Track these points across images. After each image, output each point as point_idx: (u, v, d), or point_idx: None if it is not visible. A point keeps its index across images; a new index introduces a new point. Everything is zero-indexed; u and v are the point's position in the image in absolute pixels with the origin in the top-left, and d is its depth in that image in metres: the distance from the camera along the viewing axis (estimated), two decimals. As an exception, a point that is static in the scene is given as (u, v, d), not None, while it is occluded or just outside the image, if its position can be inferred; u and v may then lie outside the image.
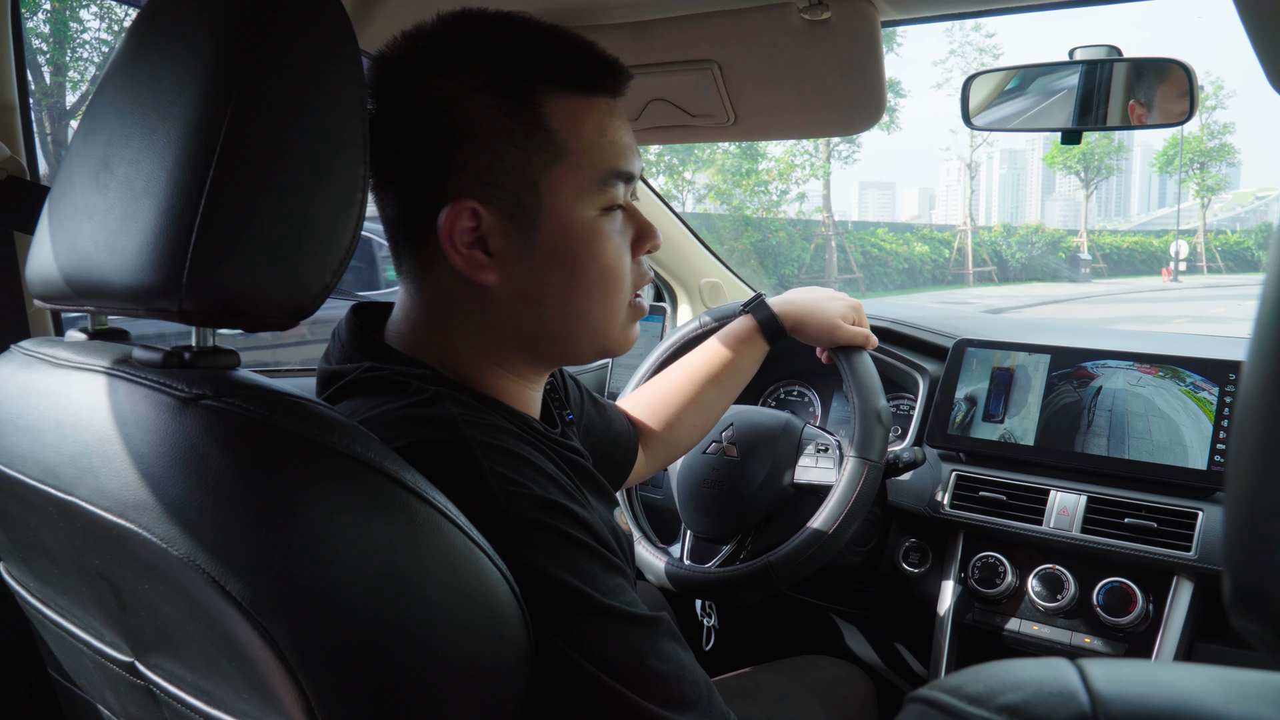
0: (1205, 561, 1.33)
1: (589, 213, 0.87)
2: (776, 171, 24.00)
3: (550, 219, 0.86)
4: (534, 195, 0.85)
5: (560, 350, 0.93)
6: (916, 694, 0.42)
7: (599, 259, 0.88)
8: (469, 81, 0.83)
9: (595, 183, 0.87)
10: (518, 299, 0.88)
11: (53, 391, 0.74)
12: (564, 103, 0.85)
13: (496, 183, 0.84)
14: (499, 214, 0.85)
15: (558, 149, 0.85)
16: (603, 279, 0.89)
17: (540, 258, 0.86)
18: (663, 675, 0.76)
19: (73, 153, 0.75)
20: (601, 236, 0.88)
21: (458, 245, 0.85)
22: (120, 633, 0.77)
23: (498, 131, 0.83)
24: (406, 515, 0.66)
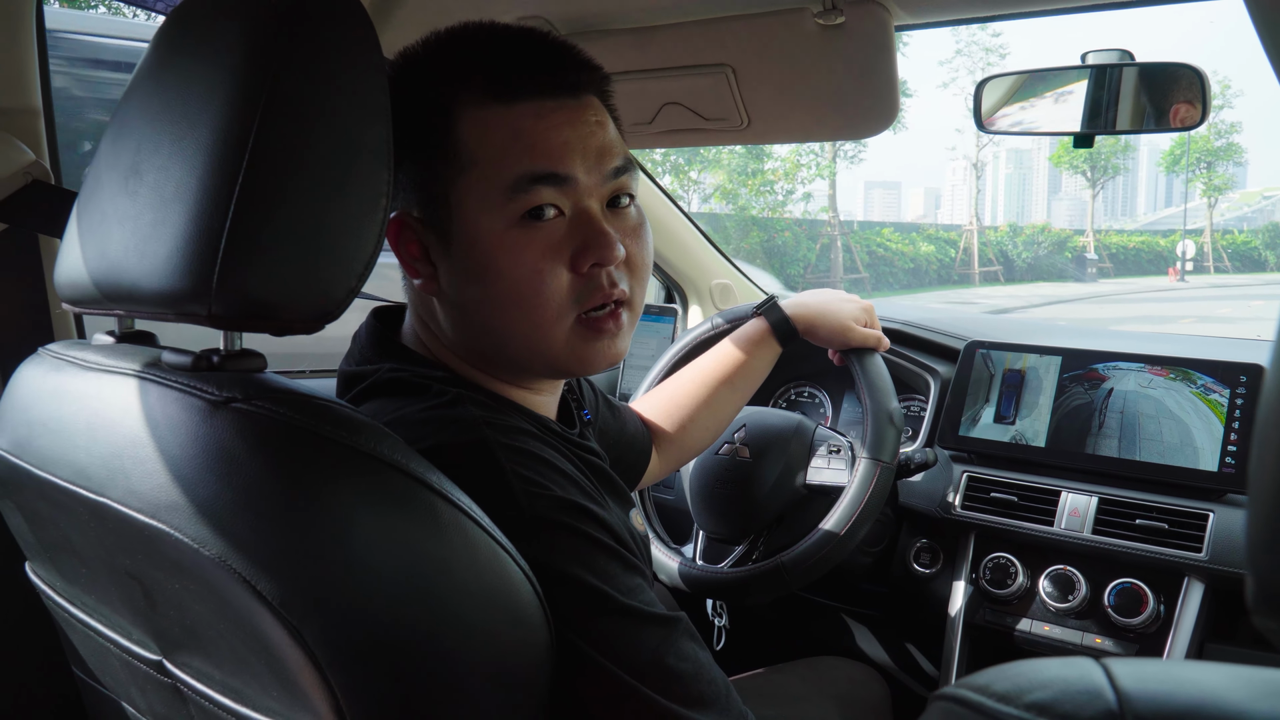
0: (1216, 563, 1.34)
1: (496, 225, 0.84)
2: (782, 171, 24.00)
3: (460, 231, 0.85)
4: (445, 208, 0.85)
5: (509, 365, 0.91)
6: (942, 693, 0.43)
7: (507, 273, 0.84)
8: (404, 97, 0.84)
9: (502, 191, 0.83)
10: (455, 311, 0.88)
11: (84, 394, 0.75)
12: (479, 114, 0.84)
13: (419, 196, 0.86)
14: (427, 227, 0.86)
15: (464, 160, 0.84)
16: (512, 293, 0.84)
17: (458, 271, 0.86)
18: (682, 674, 0.77)
19: (100, 158, 0.77)
20: (510, 249, 0.84)
21: (405, 256, 0.87)
22: (148, 631, 0.78)
23: (416, 145, 0.85)
24: (432, 516, 0.67)
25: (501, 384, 0.93)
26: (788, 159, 24.13)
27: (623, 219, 0.90)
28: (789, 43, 1.23)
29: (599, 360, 0.89)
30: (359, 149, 0.70)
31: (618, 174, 0.88)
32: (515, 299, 0.84)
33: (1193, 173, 39.14)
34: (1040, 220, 74.35)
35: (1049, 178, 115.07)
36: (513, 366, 0.91)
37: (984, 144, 34.85)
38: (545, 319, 0.85)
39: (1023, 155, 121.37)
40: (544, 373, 0.92)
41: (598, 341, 0.88)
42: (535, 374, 0.93)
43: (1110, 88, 1.29)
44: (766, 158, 24.09)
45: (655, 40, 1.30)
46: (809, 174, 24.86)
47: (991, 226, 41.10)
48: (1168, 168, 42.01)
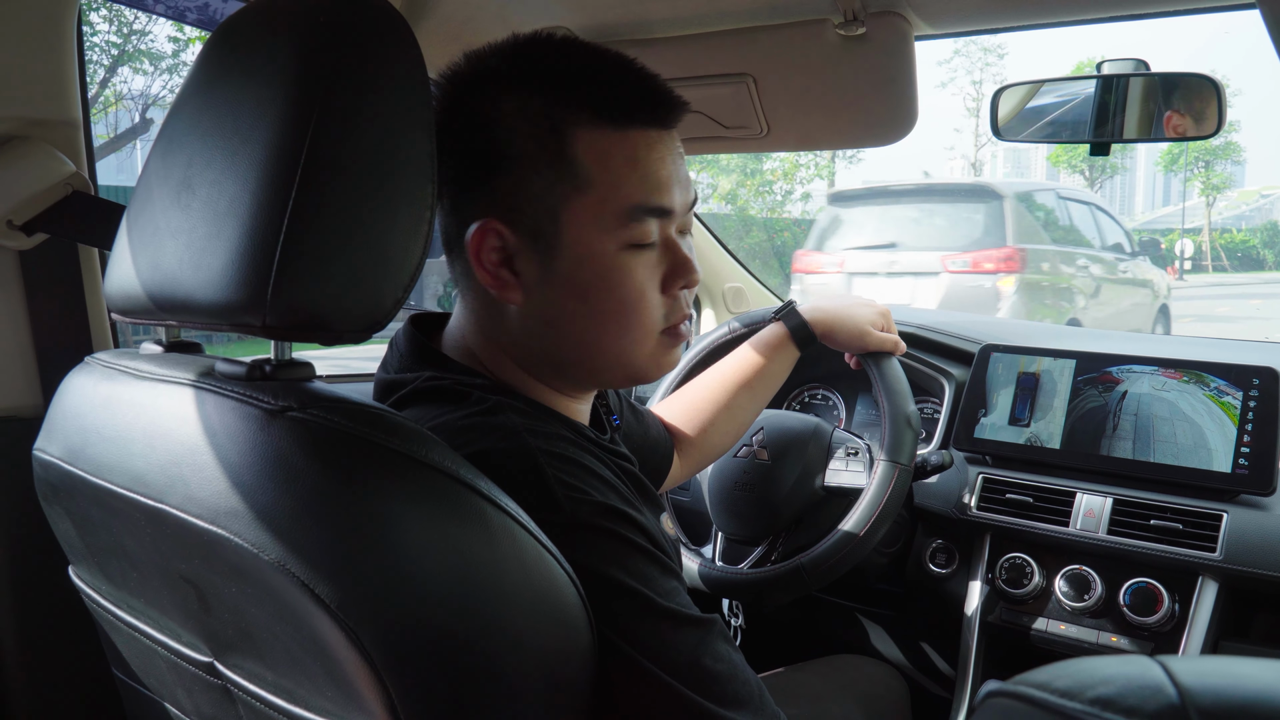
0: (1230, 562, 1.35)
1: (608, 247, 0.87)
2: (781, 172, 23.94)
3: (569, 248, 0.86)
4: (553, 224, 0.86)
5: (587, 375, 0.94)
6: (999, 689, 0.44)
7: (615, 292, 0.88)
8: (506, 106, 0.85)
9: (618, 217, 0.86)
10: (539, 322, 0.90)
11: (139, 403, 0.77)
12: (593, 135, 0.85)
13: (519, 207, 0.86)
14: (522, 237, 0.87)
15: (581, 181, 0.85)
16: (620, 311, 0.89)
17: (558, 285, 0.87)
18: (718, 674, 0.79)
19: (150, 172, 0.78)
20: (621, 271, 0.88)
21: (485, 263, 0.87)
22: (200, 634, 0.79)
23: (525, 157, 0.85)
24: (481, 520, 0.69)
25: (544, 391, 0.94)
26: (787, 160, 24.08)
27: (688, 244, 0.94)
28: (810, 53, 1.25)
29: (668, 367, 0.96)
30: (405, 161, 0.72)
31: (692, 205, 0.94)
32: (619, 316, 0.89)
33: (1191, 172, 39.09)
34: (1038, 220, 74.05)
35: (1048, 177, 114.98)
36: (584, 375, 0.94)
37: (982, 144, 34.80)
38: (641, 335, 0.91)
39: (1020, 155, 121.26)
40: (617, 381, 0.96)
41: (673, 350, 0.96)
42: (607, 383, 0.97)
43: (1118, 96, 1.31)
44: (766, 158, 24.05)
45: (677, 50, 1.32)
46: (808, 174, 24.81)
47: (990, 226, 40.96)
48: (1166, 167, 41.98)
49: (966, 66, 41.13)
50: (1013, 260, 6.92)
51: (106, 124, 15.03)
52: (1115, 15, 1.15)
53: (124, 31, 14.37)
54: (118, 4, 15.40)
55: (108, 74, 14.36)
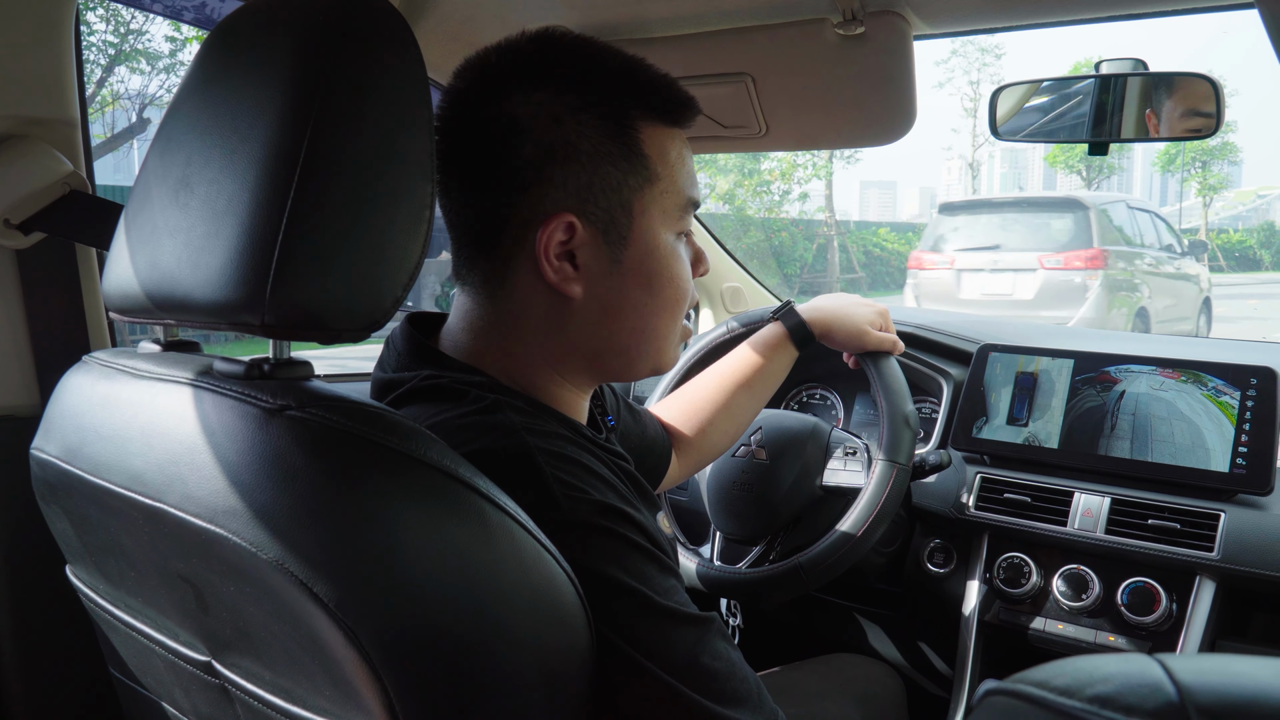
0: (1228, 562, 1.36)
1: (669, 237, 0.93)
2: (779, 172, 23.95)
3: (638, 239, 0.91)
4: (627, 215, 0.89)
5: (624, 364, 0.97)
6: (998, 687, 0.44)
7: (675, 279, 0.94)
8: (570, 101, 0.87)
9: (678, 208, 0.93)
10: (599, 313, 0.92)
11: (137, 402, 0.76)
12: (654, 131, 0.90)
13: (594, 200, 0.88)
14: (593, 230, 0.88)
15: (650, 174, 0.90)
16: (676, 298, 0.95)
17: (626, 275, 0.91)
18: (716, 673, 0.79)
19: (148, 171, 0.78)
20: (677, 259, 0.94)
21: (548, 256, 0.88)
22: (198, 633, 0.79)
23: (600, 152, 0.87)
24: (480, 519, 0.69)
25: (550, 389, 0.94)
26: (784, 159, 24.08)
27: None
28: (809, 52, 1.25)
29: (677, 359, 1.05)
30: (404, 160, 0.72)
31: None
32: (676, 303, 0.95)
33: (1188, 172, 39.11)
34: (1036, 220, 74.12)
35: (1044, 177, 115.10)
36: (622, 365, 0.97)
37: (979, 144, 34.80)
38: (679, 320, 0.98)
39: (1018, 155, 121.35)
40: (644, 370, 0.99)
41: (682, 341, 1.02)
42: (634, 372, 0.99)
43: (1116, 95, 1.31)
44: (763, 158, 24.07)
45: (676, 49, 1.32)
46: (805, 174, 24.82)
47: (987, 226, 41.02)
48: (1163, 167, 42.00)
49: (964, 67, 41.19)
50: (1097, 259, 8.53)
51: (103, 124, 15.01)
52: (1113, 15, 1.15)
53: (121, 31, 14.35)
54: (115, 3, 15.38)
55: (105, 73, 14.34)
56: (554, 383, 0.95)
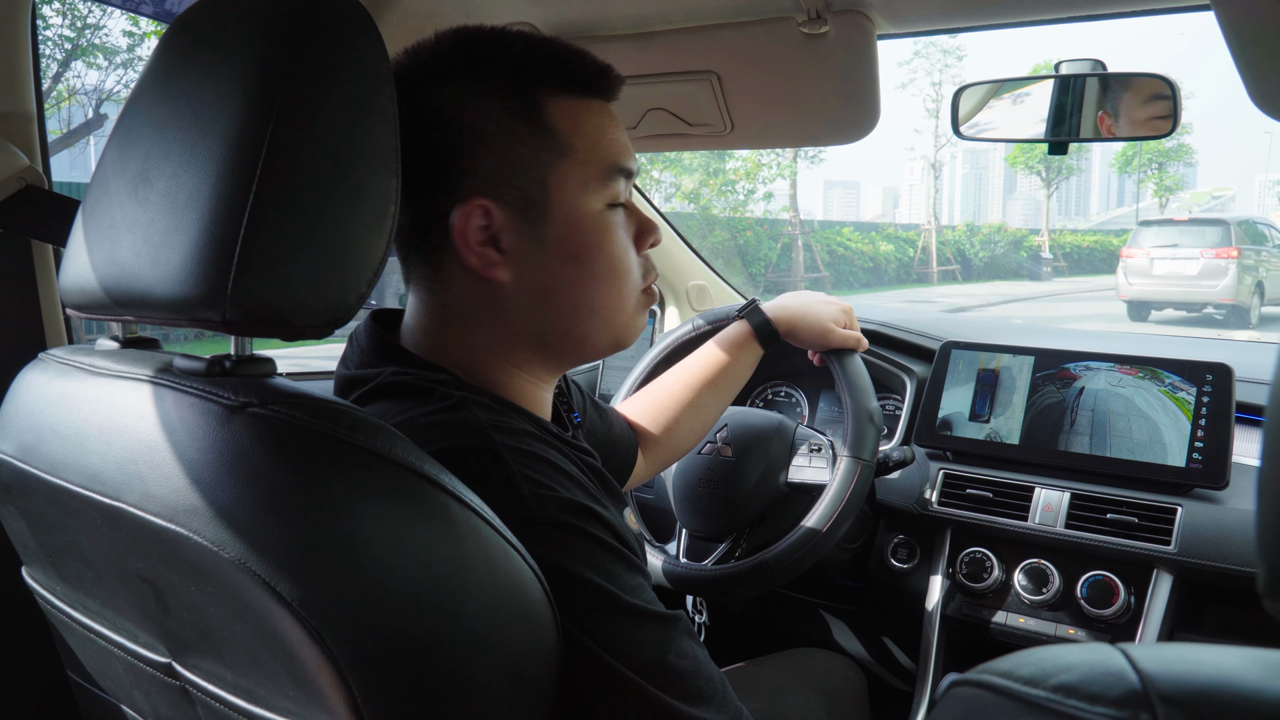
0: (1184, 555, 1.38)
1: (595, 206, 0.91)
2: (744, 171, 24.04)
3: (558, 213, 0.90)
4: (542, 191, 0.88)
5: (574, 345, 0.96)
6: (963, 678, 0.45)
7: (606, 250, 0.92)
8: (474, 88, 0.87)
9: (599, 177, 0.91)
10: (531, 294, 0.91)
11: (95, 399, 0.75)
12: (564, 104, 0.90)
13: (506, 181, 0.87)
14: (509, 211, 0.88)
15: (562, 146, 0.89)
16: (610, 269, 0.93)
17: (550, 252, 0.90)
18: (682, 671, 0.79)
19: (106, 165, 0.77)
20: (607, 228, 0.93)
21: (471, 243, 0.87)
22: (157, 634, 0.78)
23: (505, 132, 0.87)
24: (447, 517, 0.68)
25: (512, 383, 0.94)
26: (749, 159, 24.18)
27: None
28: (774, 50, 1.25)
29: (640, 330, 1.00)
30: (368, 155, 0.71)
31: None
32: (611, 274, 0.93)
33: (1144, 173, 39.74)
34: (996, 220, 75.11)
35: (1005, 178, 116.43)
36: (572, 344, 0.96)
37: (942, 144, 35.14)
38: (628, 291, 0.96)
39: (979, 156, 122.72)
40: (603, 347, 0.97)
41: (644, 311, 1.00)
42: (588, 351, 0.97)
43: (1074, 95, 1.33)
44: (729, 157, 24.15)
45: (641, 47, 1.32)
46: (770, 174, 24.93)
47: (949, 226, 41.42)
48: (1120, 168, 42.66)
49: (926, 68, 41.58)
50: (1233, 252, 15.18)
51: (59, 119, 14.76)
52: (1073, 16, 1.16)
53: (78, 25, 14.13)
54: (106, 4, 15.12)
55: (61, 68, 14.10)
56: (511, 375, 0.94)
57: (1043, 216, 39.00)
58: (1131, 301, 16.68)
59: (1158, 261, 15.88)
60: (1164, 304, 16.37)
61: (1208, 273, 15.33)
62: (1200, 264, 15.39)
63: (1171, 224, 16.79)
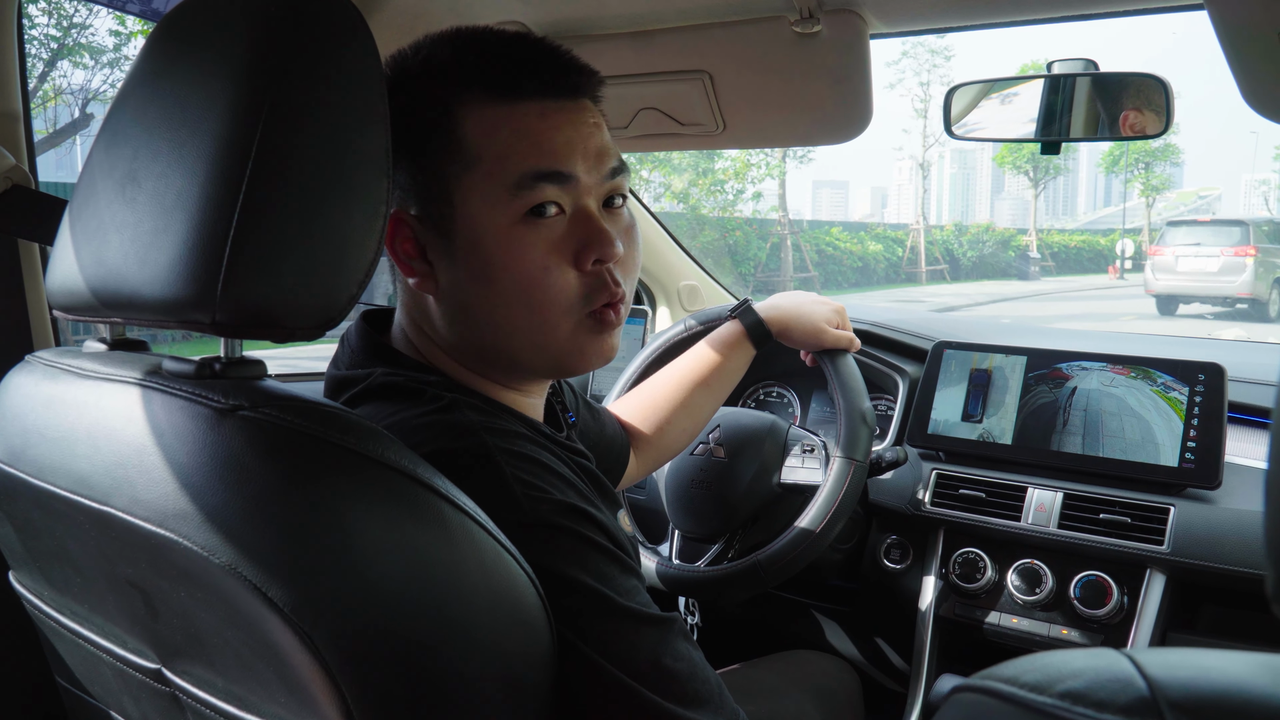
0: (1177, 555, 1.38)
1: (500, 221, 0.85)
2: (733, 171, 24.06)
3: (463, 229, 0.85)
4: (448, 205, 0.85)
5: (510, 364, 0.92)
6: (966, 684, 0.44)
7: (513, 269, 0.85)
8: (399, 100, 0.84)
9: (507, 188, 0.84)
10: (455, 310, 0.89)
11: (83, 402, 0.74)
12: (482, 111, 0.85)
13: (417, 194, 0.86)
14: (427, 225, 0.87)
15: (468, 158, 0.85)
16: (519, 290, 0.85)
17: (460, 269, 0.86)
18: (678, 674, 0.79)
19: (93, 165, 0.76)
20: (515, 245, 0.85)
21: (400, 255, 0.87)
22: (147, 640, 0.77)
23: (416, 145, 0.86)
24: (440, 520, 0.68)
25: (494, 386, 0.93)
26: (738, 159, 24.20)
27: (617, 219, 0.91)
28: (766, 50, 1.25)
29: (596, 356, 0.91)
30: (360, 156, 0.70)
31: (614, 174, 0.90)
32: (521, 295, 0.86)
33: (1131, 173, 39.91)
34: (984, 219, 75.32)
35: (992, 178, 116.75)
36: (511, 365, 0.92)
37: (930, 144, 35.24)
38: (551, 315, 0.87)
39: (967, 156, 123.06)
40: (542, 370, 0.93)
41: (600, 335, 0.90)
42: (533, 372, 0.94)
43: (1065, 95, 1.33)
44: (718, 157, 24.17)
45: (633, 46, 1.32)
46: (759, 174, 24.96)
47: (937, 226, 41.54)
48: (1107, 168, 42.83)
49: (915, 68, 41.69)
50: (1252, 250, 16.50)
51: (45, 119, 14.68)
52: (1065, 15, 1.16)
53: (64, 25, 14.05)
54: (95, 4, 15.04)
55: (47, 68, 14.02)
56: (490, 378, 0.93)
57: (1030, 216, 39.11)
58: (1159, 295, 18.18)
59: (1182, 259, 17.57)
60: (1191, 298, 17.79)
61: (1227, 269, 16.85)
62: (1220, 261, 16.98)
63: (1196, 224, 19.09)
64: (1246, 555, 1.33)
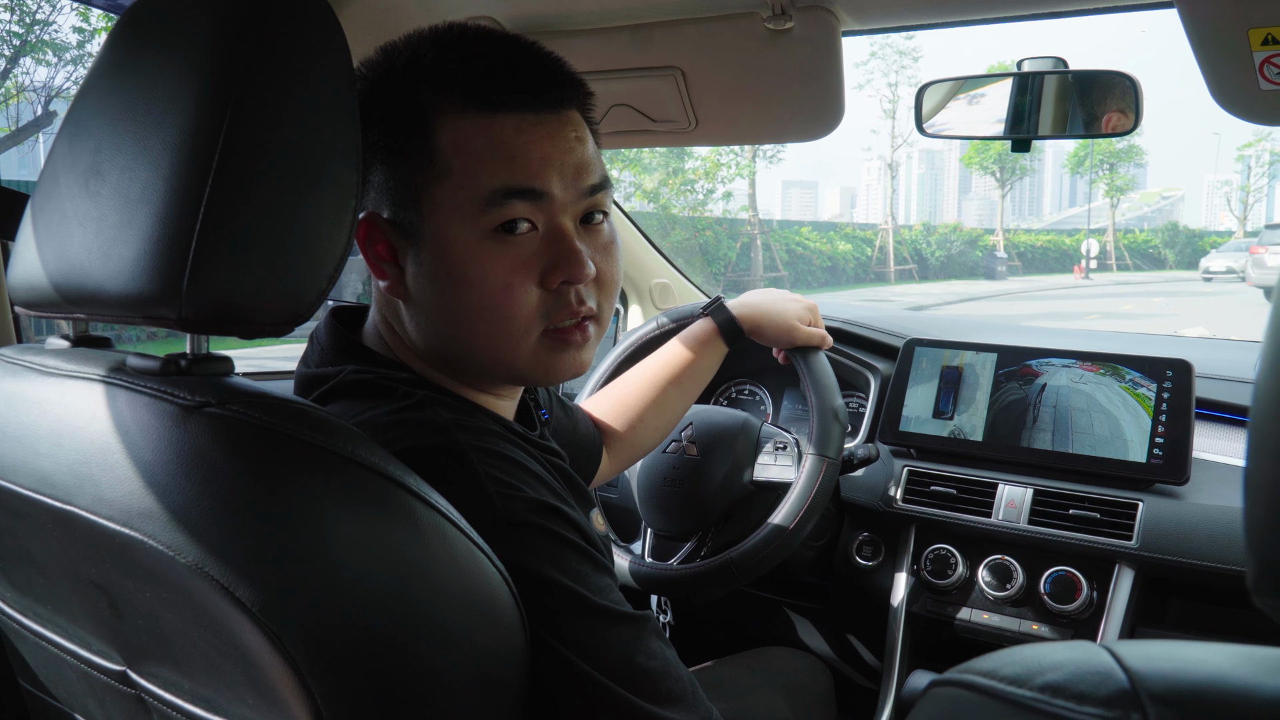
0: (1146, 550, 1.39)
1: (466, 235, 0.83)
2: (703, 171, 24.12)
3: (429, 239, 0.84)
4: (417, 214, 0.84)
5: (473, 372, 0.91)
6: (945, 678, 0.44)
7: (474, 285, 0.83)
8: (380, 100, 0.84)
9: (476, 203, 0.82)
10: (422, 316, 0.88)
11: (45, 400, 0.73)
12: (458, 122, 0.83)
13: (390, 198, 0.85)
14: (396, 230, 0.86)
15: (440, 168, 0.83)
16: (481, 306, 0.84)
17: (426, 278, 0.85)
18: (650, 672, 0.78)
19: (56, 159, 0.74)
20: (480, 262, 0.83)
21: (372, 257, 0.87)
22: (111, 642, 0.76)
23: (391, 149, 0.84)
24: (411, 518, 0.67)
25: (466, 388, 0.92)
26: (708, 159, 24.26)
27: (595, 235, 0.90)
28: (738, 46, 1.25)
29: (562, 372, 0.89)
30: (328, 150, 0.69)
31: (593, 191, 0.88)
32: (482, 311, 0.84)
33: (1096, 174, 40.42)
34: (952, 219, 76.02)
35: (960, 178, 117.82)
36: (476, 372, 0.91)
37: (898, 145, 35.47)
38: (511, 332, 0.85)
39: (934, 156, 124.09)
40: (506, 380, 0.93)
41: (563, 353, 0.89)
42: (498, 380, 0.93)
43: (1033, 94, 1.33)
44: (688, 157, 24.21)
45: (605, 42, 1.31)
46: (729, 173, 25.03)
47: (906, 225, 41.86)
48: (1072, 169, 43.34)
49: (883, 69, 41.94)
50: None
51: (7, 116, 14.48)
52: (1036, 13, 1.17)
53: (26, 21, 13.84)
54: None
55: (9, 65, 13.83)
56: (462, 378, 0.93)
57: (997, 216, 39.50)
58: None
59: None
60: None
61: (1274, 261, 22.06)
62: (1277, 255, 22.43)
63: (1276, 229, 24.92)
64: (1214, 550, 1.34)
